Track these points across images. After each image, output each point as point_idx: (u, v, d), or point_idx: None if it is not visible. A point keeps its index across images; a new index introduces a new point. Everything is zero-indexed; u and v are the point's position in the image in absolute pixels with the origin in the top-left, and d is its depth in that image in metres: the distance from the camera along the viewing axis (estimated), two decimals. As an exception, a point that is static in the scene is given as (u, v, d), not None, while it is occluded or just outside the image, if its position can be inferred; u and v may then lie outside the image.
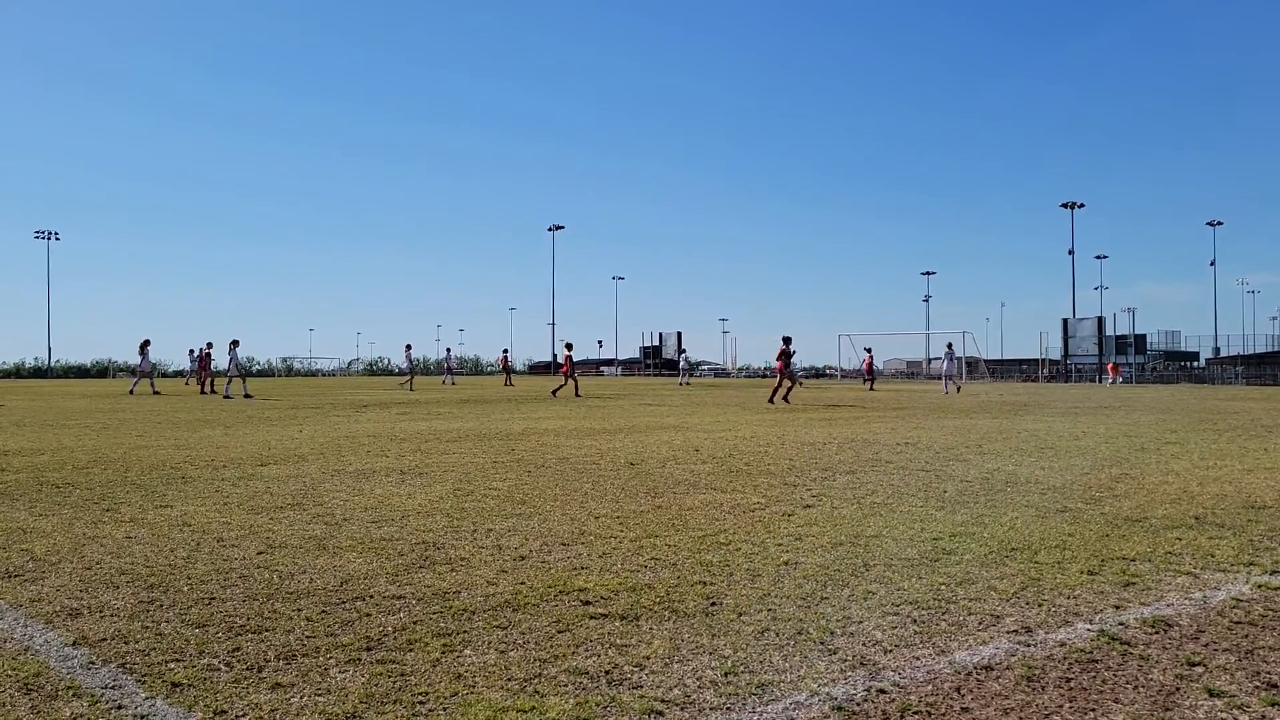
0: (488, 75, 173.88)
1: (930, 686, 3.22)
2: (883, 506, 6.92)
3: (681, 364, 51.54)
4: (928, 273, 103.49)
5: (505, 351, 51.93)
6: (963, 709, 3.03)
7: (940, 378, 35.77)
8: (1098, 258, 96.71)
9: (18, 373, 68.86)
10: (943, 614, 4.10)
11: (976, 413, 20.00)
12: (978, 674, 3.35)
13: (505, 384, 44.52)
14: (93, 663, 3.39)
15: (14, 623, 3.88)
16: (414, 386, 38.43)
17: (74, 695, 3.07)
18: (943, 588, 4.53)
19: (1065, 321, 63.35)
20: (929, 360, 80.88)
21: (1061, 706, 3.06)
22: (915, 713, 2.99)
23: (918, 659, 3.51)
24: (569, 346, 32.37)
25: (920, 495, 7.48)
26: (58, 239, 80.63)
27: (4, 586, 4.49)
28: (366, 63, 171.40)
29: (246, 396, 27.81)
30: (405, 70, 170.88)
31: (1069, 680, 3.30)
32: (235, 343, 29.53)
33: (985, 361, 74.45)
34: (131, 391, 31.57)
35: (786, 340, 24.17)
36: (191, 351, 44.32)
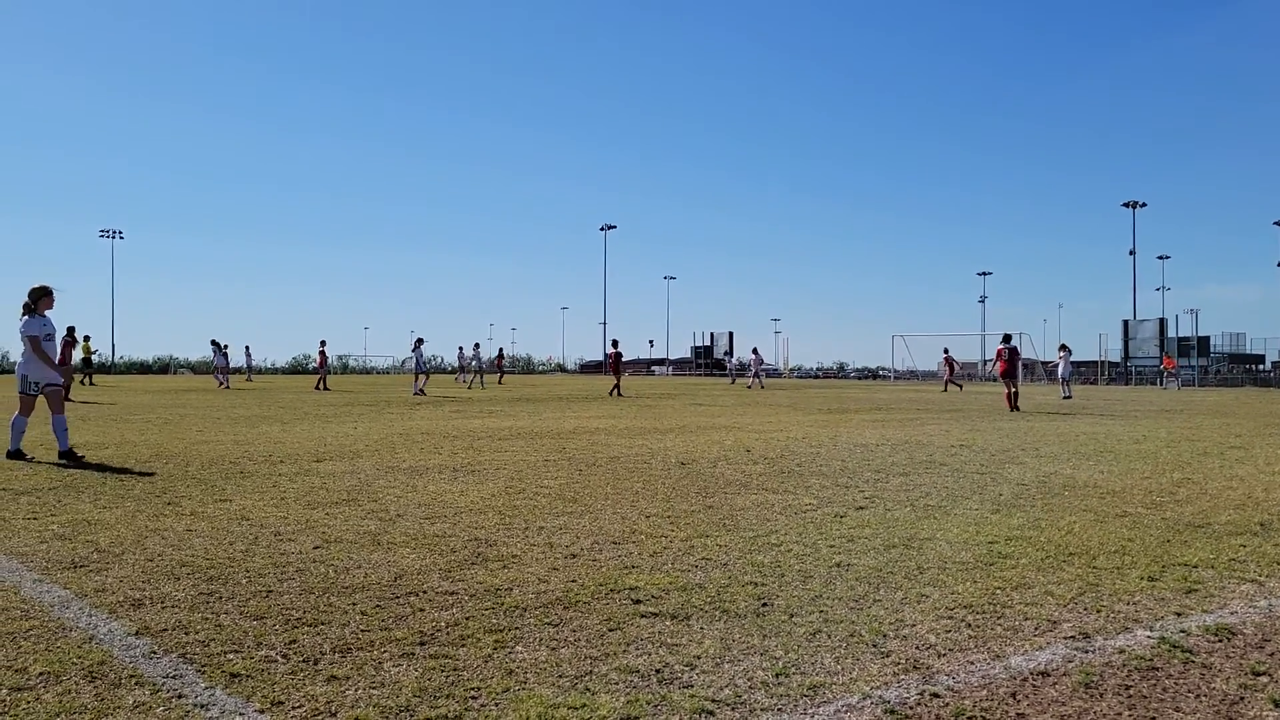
0: (544, 76, 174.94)
1: (985, 691, 3.18)
2: (937, 509, 6.83)
3: (732, 365, 51.45)
4: (984, 273, 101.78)
5: (500, 350, 52.60)
6: (1018, 715, 2.98)
7: (1058, 381, 31.66)
8: (1160, 258, 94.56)
9: (143, 368, 70.70)
10: (998, 618, 4.04)
11: (1033, 415, 19.67)
12: (1034, 679, 3.30)
13: (498, 381, 45.29)
14: (154, 652, 3.47)
15: (79, 612, 3.99)
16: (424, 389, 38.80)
17: (136, 684, 3.14)
18: (998, 592, 4.47)
19: (1125, 323, 62.05)
20: (983, 362, 79.63)
21: (1120, 714, 3.00)
22: (969, 717, 2.95)
23: (972, 663, 3.46)
24: (615, 344, 32.50)
25: (975, 498, 7.38)
26: (122, 238, 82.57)
27: (70, 576, 4.61)
28: (424, 62, 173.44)
29: (419, 393, 28.81)
30: (462, 70, 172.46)
31: (1128, 688, 3.24)
32: (420, 341, 30.81)
33: (1042, 364, 73.17)
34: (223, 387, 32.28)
35: (1006, 338, 22.14)
36: (461, 350, 45.88)
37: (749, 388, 40.33)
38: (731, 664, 3.41)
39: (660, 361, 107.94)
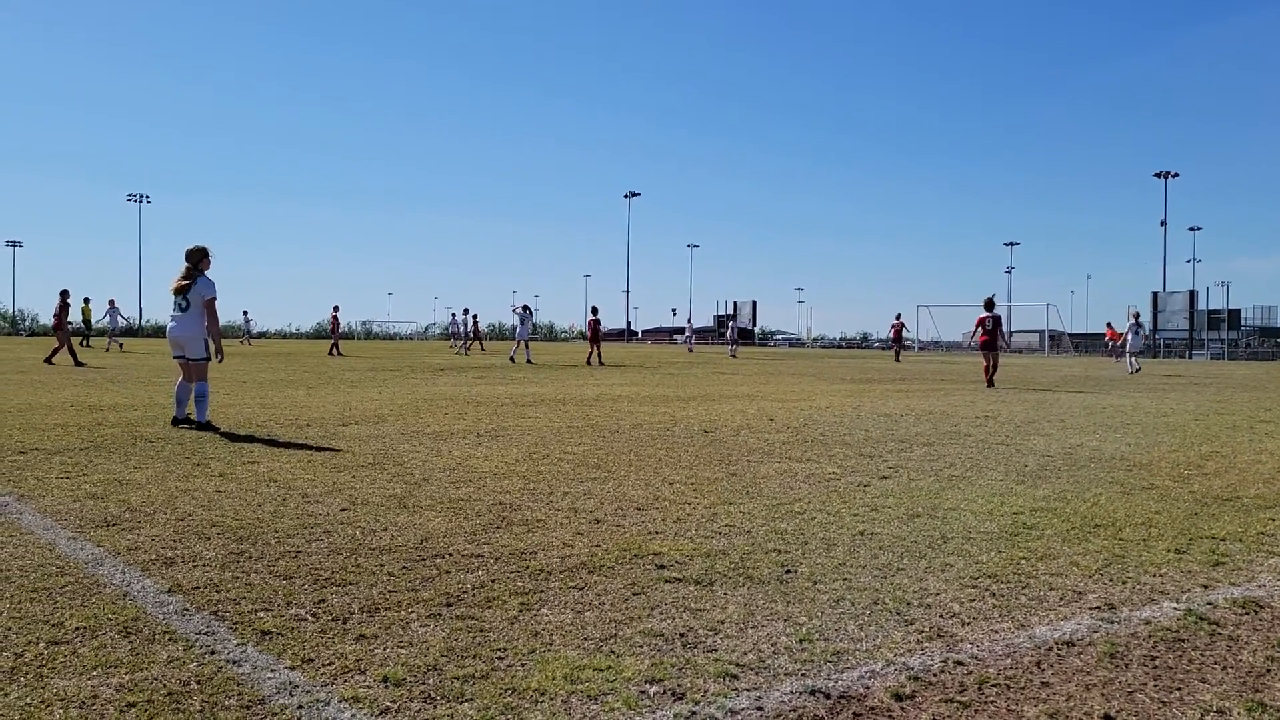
0: (572, 44, 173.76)
1: (1009, 660, 3.18)
2: (961, 479, 6.81)
3: (728, 335, 52.09)
4: (1011, 243, 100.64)
5: (459, 315, 44.43)
6: (1043, 683, 2.98)
7: (1126, 354, 29.12)
8: (1191, 230, 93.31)
9: (129, 332, 71.37)
10: (1023, 588, 4.03)
11: (1059, 387, 19.53)
12: (1058, 649, 3.29)
13: (480, 348, 44.28)
14: (187, 609, 3.53)
15: (113, 569, 4.06)
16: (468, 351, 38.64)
17: (170, 640, 3.19)
18: (1023, 562, 4.46)
19: (1155, 295, 61.27)
20: (1010, 333, 79.01)
21: (1146, 684, 2.99)
22: (993, 685, 2.96)
23: (996, 632, 3.46)
24: (595, 311, 30.55)
25: (1000, 469, 7.35)
26: (149, 202, 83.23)
27: (103, 535, 4.68)
28: (452, 29, 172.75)
29: (513, 360, 28.94)
30: (491, 37, 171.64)
31: (1154, 659, 3.23)
32: (526, 308, 30.37)
33: (1069, 335, 72.51)
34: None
35: (989, 304, 19.98)
36: (453, 316, 44.88)
37: (732, 356, 39.93)
38: (755, 629, 3.42)
39: (682, 330, 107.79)
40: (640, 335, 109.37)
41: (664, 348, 62.95)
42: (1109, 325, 51.94)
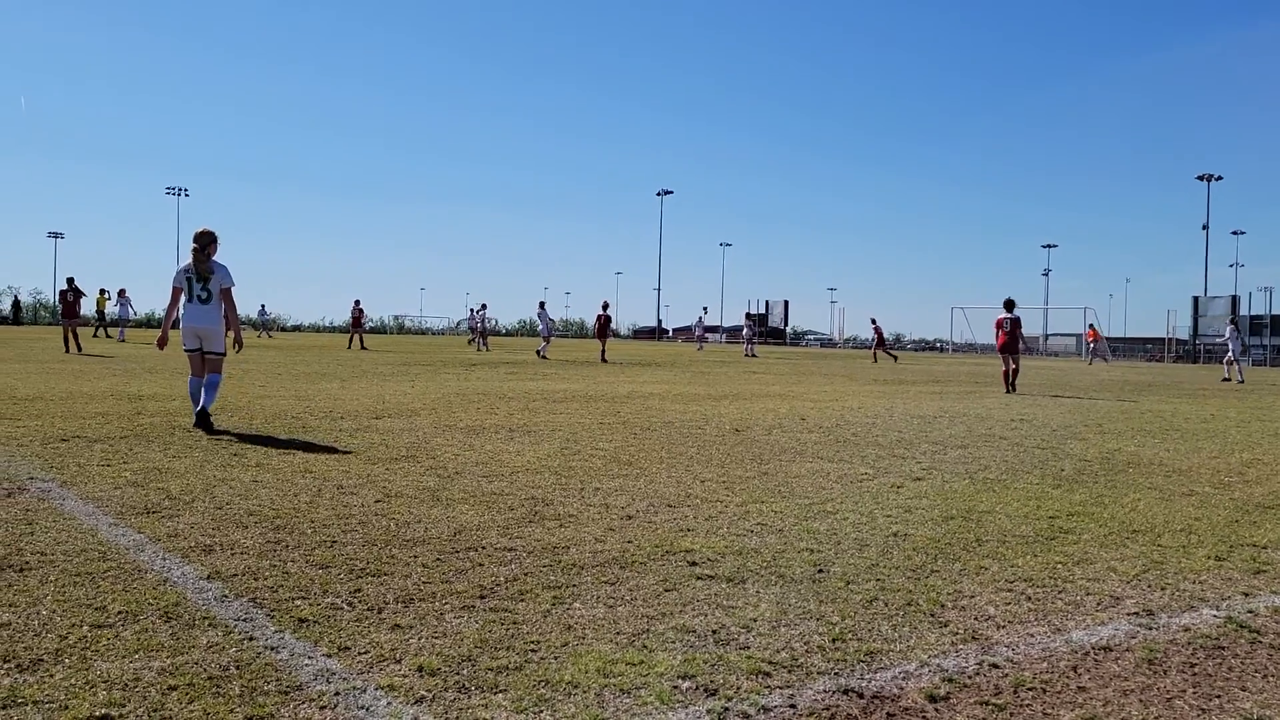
0: (608, 39, 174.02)
1: (1045, 664, 3.15)
2: (996, 482, 6.76)
3: (696, 330, 53.71)
4: (1049, 245, 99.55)
5: (477, 311, 42.37)
6: (1079, 688, 2.95)
7: (1227, 361, 26.81)
8: (1234, 233, 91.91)
9: (149, 323, 72.49)
10: (1059, 592, 3.99)
11: (1097, 392, 19.30)
12: (1095, 654, 3.26)
13: (474, 345, 40.29)
14: (225, 596, 3.58)
15: (153, 555, 4.12)
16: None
17: (209, 625, 3.24)
18: (1059, 566, 4.41)
19: (1195, 299, 60.29)
20: (1046, 337, 78.24)
21: (1185, 691, 2.96)
22: (1029, 689, 2.93)
23: (1032, 636, 3.43)
24: (605, 306, 30.45)
25: (1036, 472, 7.28)
26: (187, 195, 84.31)
27: (144, 521, 4.76)
28: (491, 22, 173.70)
29: (542, 357, 29.19)
30: (525, 30, 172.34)
31: (1193, 665, 3.19)
32: (542, 304, 30.63)
33: (1107, 339, 71.64)
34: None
35: (1009, 305, 18.38)
36: (472, 311, 43.73)
37: (874, 361, 39.16)
38: (788, 627, 3.42)
39: (714, 329, 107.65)
40: (671, 333, 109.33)
41: (690, 346, 62.80)
42: (1091, 326, 51.62)
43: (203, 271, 8.73)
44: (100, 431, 8.12)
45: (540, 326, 31.06)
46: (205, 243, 8.75)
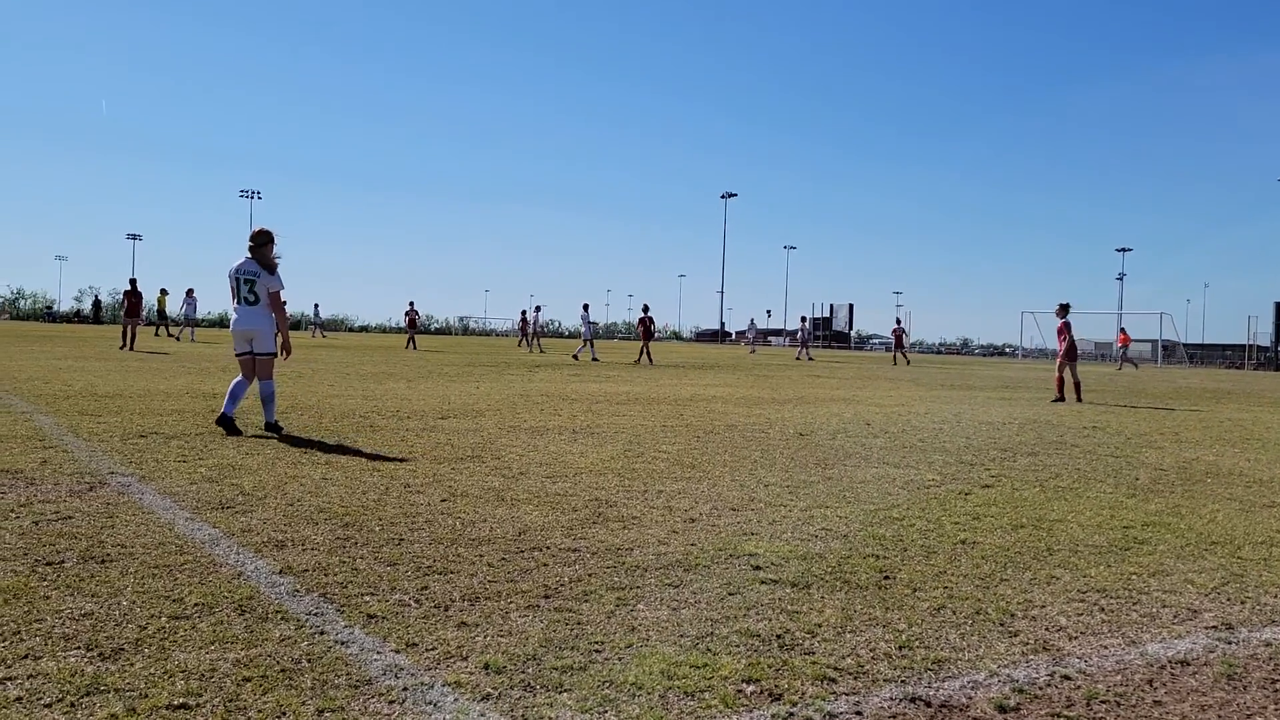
0: (673, 42, 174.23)
1: (1119, 677, 3.07)
2: (1068, 490, 6.61)
3: (749, 333, 53.62)
4: (1123, 249, 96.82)
5: (529, 312, 44.78)
6: (1155, 702, 2.88)
7: None
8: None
9: (221, 323, 74.44)
10: (1134, 604, 3.89)
11: (1173, 399, 18.78)
12: (1172, 668, 3.17)
13: (526, 345, 43.18)
14: (297, 590, 3.65)
15: (228, 549, 4.22)
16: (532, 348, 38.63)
17: (282, 619, 3.31)
18: (1134, 577, 4.30)
19: (1277, 305, 58.30)
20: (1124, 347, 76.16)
21: (1266, 708, 2.86)
22: (1102, 702, 2.86)
23: (1106, 648, 3.35)
24: (646, 309, 30.60)
25: (1109, 481, 7.11)
26: (260, 198, 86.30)
27: (218, 516, 4.88)
28: (564, 23, 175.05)
29: (576, 358, 29.71)
30: (600, 34, 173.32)
31: (1274, 682, 3.08)
32: (586, 306, 31.35)
33: (1184, 346, 69.68)
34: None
35: (1064, 309, 16.82)
36: (523, 313, 45.69)
37: (894, 364, 38.72)
38: (853, 634, 3.38)
39: (778, 332, 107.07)
40: (734, 336, 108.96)
41: (744, 349, 62.63)
42: (1123, 330, 50.32)
43: (249, 278, 8.60)
44: (176, 428, 8.35)
45: (583, 329, 31.26)
46: (261, 241, 8.61)
